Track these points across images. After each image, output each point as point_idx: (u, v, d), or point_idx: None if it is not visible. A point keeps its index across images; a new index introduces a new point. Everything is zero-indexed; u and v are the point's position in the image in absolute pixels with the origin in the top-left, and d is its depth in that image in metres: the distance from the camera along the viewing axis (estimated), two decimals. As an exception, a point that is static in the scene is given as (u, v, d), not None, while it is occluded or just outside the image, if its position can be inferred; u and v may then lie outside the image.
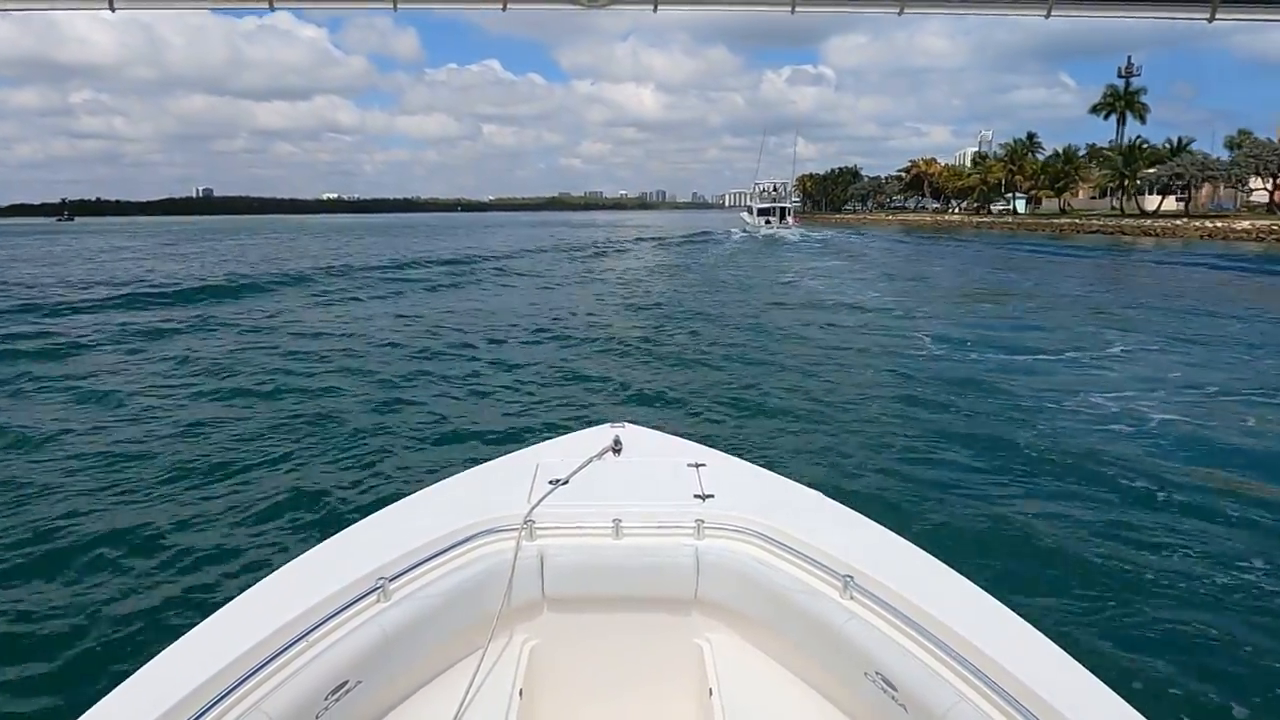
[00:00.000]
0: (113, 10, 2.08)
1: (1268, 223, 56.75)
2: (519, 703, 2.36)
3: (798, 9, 2.19)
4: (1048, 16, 2.09)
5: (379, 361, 13.20)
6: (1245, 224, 57.49)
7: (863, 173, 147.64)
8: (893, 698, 2.04)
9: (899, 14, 2.19)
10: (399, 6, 2.17)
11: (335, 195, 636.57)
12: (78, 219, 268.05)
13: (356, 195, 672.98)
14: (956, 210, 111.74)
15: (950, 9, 2.37)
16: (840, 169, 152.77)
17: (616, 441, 3.21)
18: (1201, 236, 57.61)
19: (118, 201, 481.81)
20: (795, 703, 2.42)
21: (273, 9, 2.16)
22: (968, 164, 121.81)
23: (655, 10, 2.20)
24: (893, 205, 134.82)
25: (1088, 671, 1.88)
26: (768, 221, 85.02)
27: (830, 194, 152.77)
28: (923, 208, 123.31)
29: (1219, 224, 59.30)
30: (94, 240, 78.91)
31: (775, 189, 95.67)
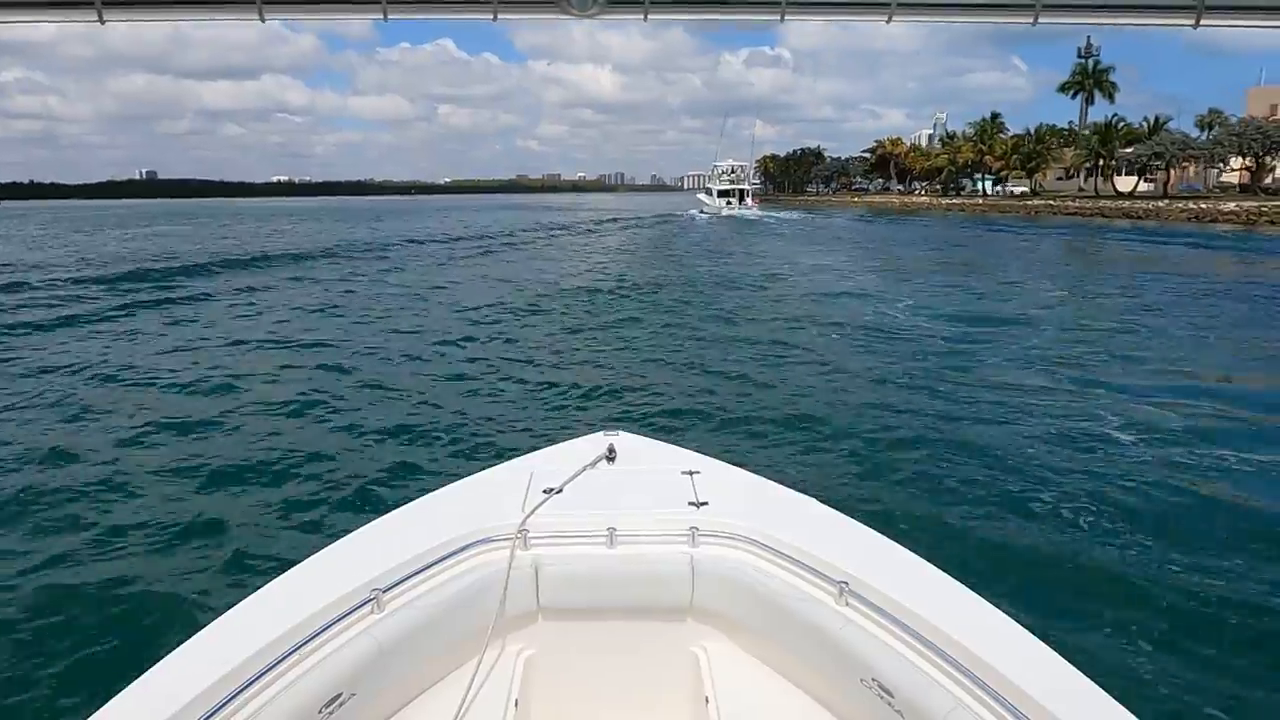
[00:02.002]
0: (102, 23, 1.99)
1: (1255, 204, 53.99)
2: (514, 713, 2.35)
3: (787, 17, 2.14)
4: (1034, 23, 2.06)
5: (357, 365, 12.42)
6: (1232, 205, 54.69)
7: (826, 154, 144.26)
8: (889, 704, 2.03)
9: (887, 21, 2.10)
10: (389, 16, 2.09)
11: (286, 178, 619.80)
12: (6, 203, 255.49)
13: (308, 178, 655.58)
14: (922, 192, 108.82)
15: (938, 16, 2.27)
16: (803, 150, 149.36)
17: (610, 450, 3.14)
18: (1188, 219, 54.70)
19: (54, 184, 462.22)
20: (791, 710, 2.41)
21: (263, 20, 2.07)
22: (923, 145, 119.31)
23: (645, 19, 2.14)
24: (854, 187, 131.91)
25: (1083, 676, 1.87)
26: (729, 203, 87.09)
27: (792, 175, 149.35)
28: (886, 189, 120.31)
29: (1204, 205, 56.47)
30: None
31: (733, 171, 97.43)
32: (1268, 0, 2.03)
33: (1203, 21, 1.95)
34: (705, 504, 2.76)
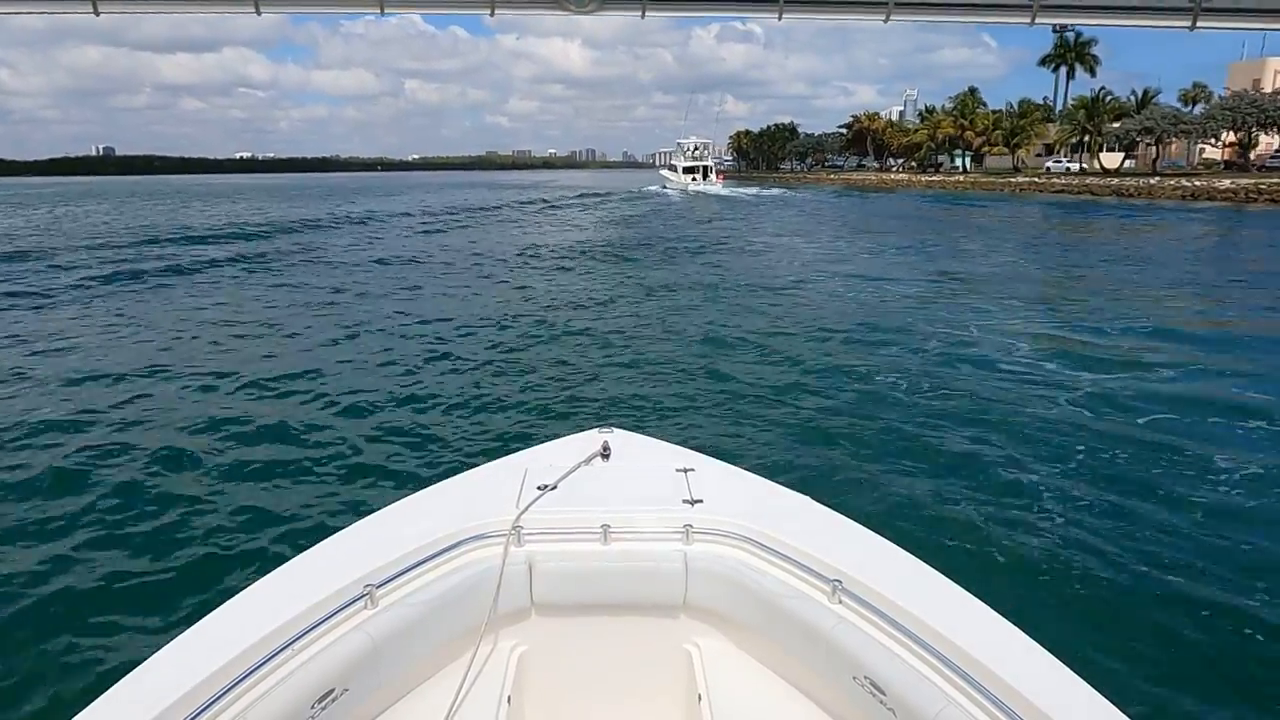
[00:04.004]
0: (97, 14, 2.00)
1: (1251, 181, 51.53)
2: (507, 709, 2.34)
3: (784, 16, 2.15)
4: (1032, 23, 2.08)
5: (344, 359, 11.85)
6: (1227, 183, 52.18)
7: (800, 129, 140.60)
8: (881, 701, 2.05)
9: (885, 21, 2.12)
10: (386, 10, 2.09)
11: (249, 154, 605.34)
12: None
13: (271, 154, 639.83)
14: (899, 169, 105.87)
15: (935, 16, 2.29)
16: (777, 125, 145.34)
17: (605, 447, 3.11)
18: (1182, 197, 52.13)
19: (2, 160, 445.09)
20: (784, 707, 2.42)
21: (259, 13, 2.06)
22: (896, 121, 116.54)
23: (643, 16, 2.12)
24: (828, 164, 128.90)
25: (1073, 673, 1.90)
26: (694, 179, 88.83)
27: (766, 152, 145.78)
28: (862, 166, 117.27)
29: (1198, 183, 53.92)
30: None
31: (697, 148, 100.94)
32: (1263, 3, 2.01)
33: (1199, 24, 1.94)
34: (699, 501, 2.73)
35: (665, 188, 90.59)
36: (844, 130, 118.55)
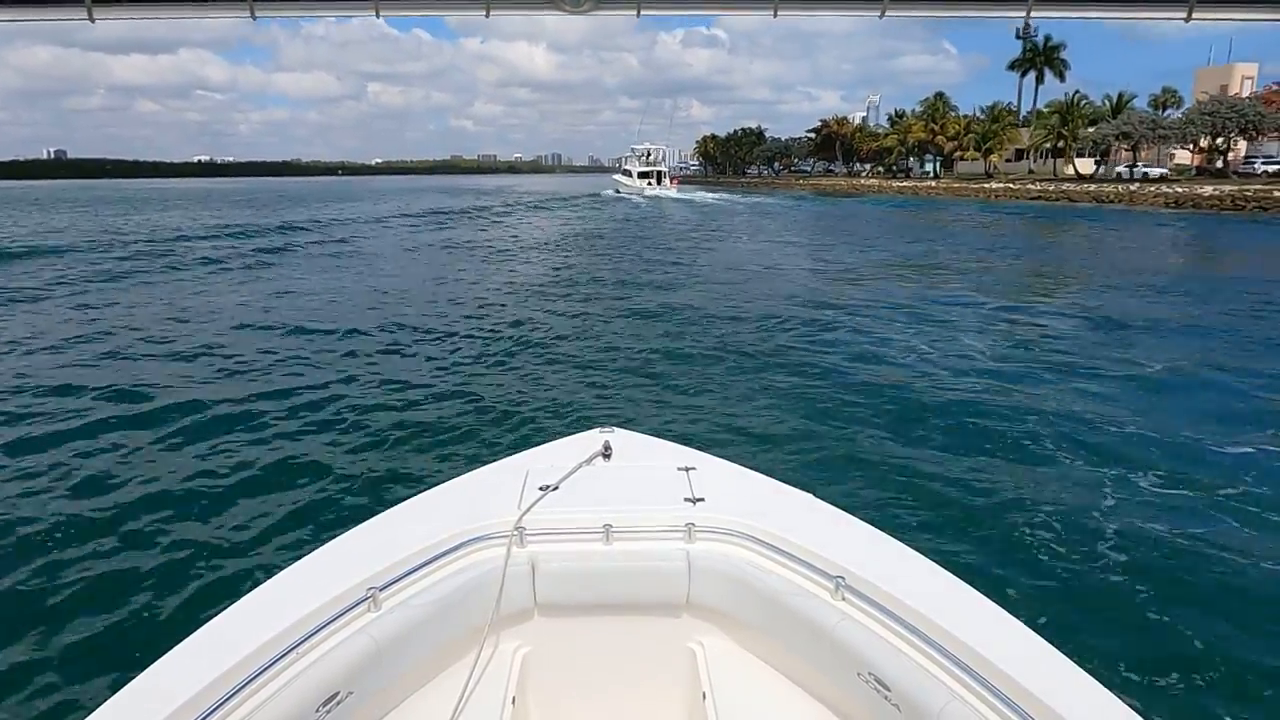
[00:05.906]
0: (92, 21, 2.02)
1: (1234, 188, 49.77)
2: (511, 710, 2.34)
3: (780, 12, 2.14)
4: (1027, 18, 2.08)
5: (344, 360, 11.50)
6: (1209, 189, 50.39)
7: (767, 134, 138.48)
8: (886, 698, 2.04)
9: (880, 17, 2.11)
10: (381, 14, 2.12)
11: (207, 157, 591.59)
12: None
13: (230, 158, 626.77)
14: (868, 174, 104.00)
15: (931, 11, 2.31)
16: (743, 130, 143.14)
17: (606, 446, 3.11)
18: (1166, 204, 50.30)
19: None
20: (788, 705, 2.41)
21: (254, 18, 2.08)
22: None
23: (638, 15, 2.14)
24: (793, 169, 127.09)
25: (1079, 668, 1.89)
26: (649, 184, 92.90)
27: (733, 156, 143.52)
28: (830, 171, 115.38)
29: (1180, 190, 52.11)
30: None
31: (650, 153, 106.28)
32: None
33: (1194, 15, 1.93)
34: (701, 500, 2.72)
35: (619, 191, 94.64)
36: (812, 135, 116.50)
